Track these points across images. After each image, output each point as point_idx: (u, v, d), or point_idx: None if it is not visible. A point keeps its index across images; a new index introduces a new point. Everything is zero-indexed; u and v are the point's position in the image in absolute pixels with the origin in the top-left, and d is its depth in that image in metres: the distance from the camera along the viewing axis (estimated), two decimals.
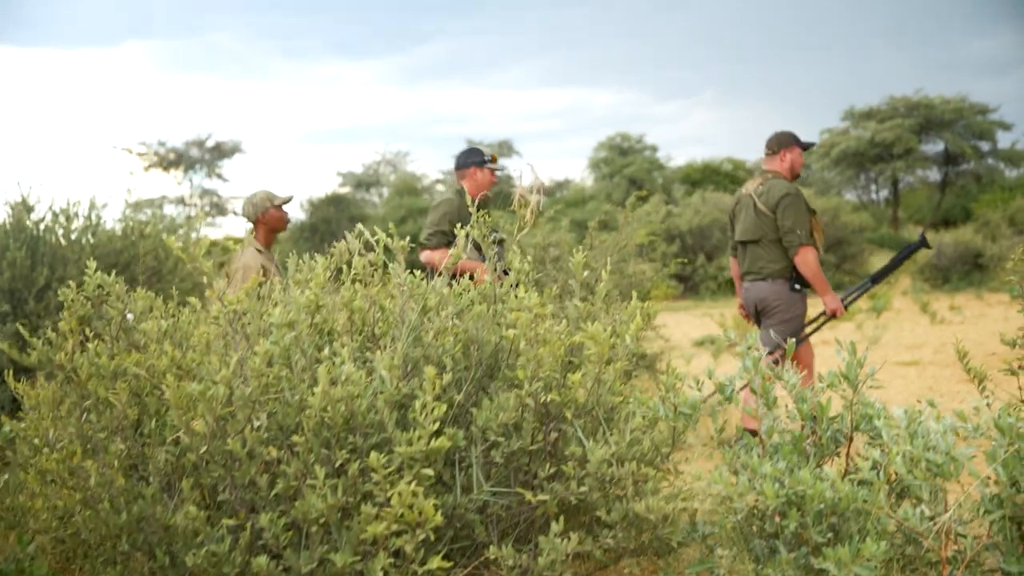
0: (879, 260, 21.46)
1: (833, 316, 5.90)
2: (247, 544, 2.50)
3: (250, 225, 5.54)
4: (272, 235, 5.52)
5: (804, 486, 2.42)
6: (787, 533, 2.49)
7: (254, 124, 74.90)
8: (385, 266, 3.00)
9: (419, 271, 3.17)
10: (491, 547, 2.51)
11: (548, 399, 2.67)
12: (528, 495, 2.61)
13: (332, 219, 25.25)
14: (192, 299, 3.21)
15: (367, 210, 32.50)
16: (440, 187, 39.72)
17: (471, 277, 5.28)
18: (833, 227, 19.77)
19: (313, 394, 2.42)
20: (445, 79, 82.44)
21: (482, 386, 2.91)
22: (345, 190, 39.11)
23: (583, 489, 2.62)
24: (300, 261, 3.20)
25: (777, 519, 2.52)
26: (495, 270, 5.09)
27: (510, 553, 2.52)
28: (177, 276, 6.92)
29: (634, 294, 3.00)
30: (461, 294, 3.02)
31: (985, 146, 33.48)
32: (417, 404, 2.43)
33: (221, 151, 33.86)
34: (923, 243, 6.14)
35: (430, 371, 2.42)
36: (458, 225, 3.41)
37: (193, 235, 7.81)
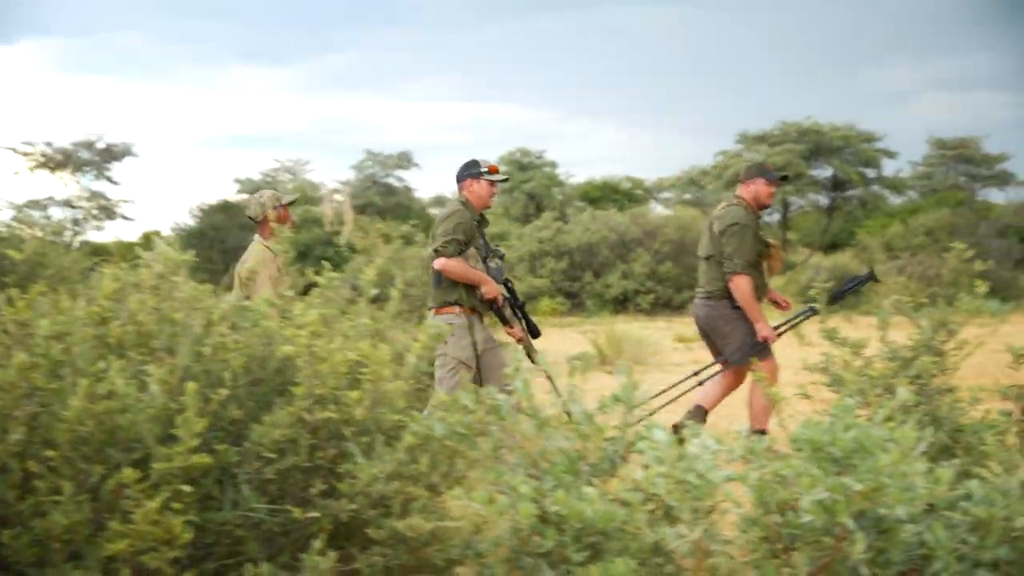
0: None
1: (765, 343, 6.13)
2: None
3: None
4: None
5: (560, 506, 2.47)
6: (548, 551, 2.54)
7: (153, 127, 73.35)
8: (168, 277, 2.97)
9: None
10: (247, 565, 2.51)
11: (325, 416, 2.68)
12: (297, 512, 2.61)
13: (222, 226, 24.86)
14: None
15: None
16: (337, 196, 39.47)
17: (476, 289, 5.55)
18: None
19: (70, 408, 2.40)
20: (353, 89, 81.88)
21: (268, 402, 2.90)
22: (242, 197, 38.56)
23: (353, 506, 2.63)
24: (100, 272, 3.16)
25: (537, 538, 2.56)
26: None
27: (271, 570, 2.51)
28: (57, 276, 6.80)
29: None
30: (249, 309, 3.01)
31: (871, 173, 34.50)
32: (179, 419, 2.41)
33: (111, 154, 33.06)
34: (871, 276, 6.47)
35: (190, 387, 2.40)
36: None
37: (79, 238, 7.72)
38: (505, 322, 5.84)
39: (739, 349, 6.18)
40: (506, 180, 6.13)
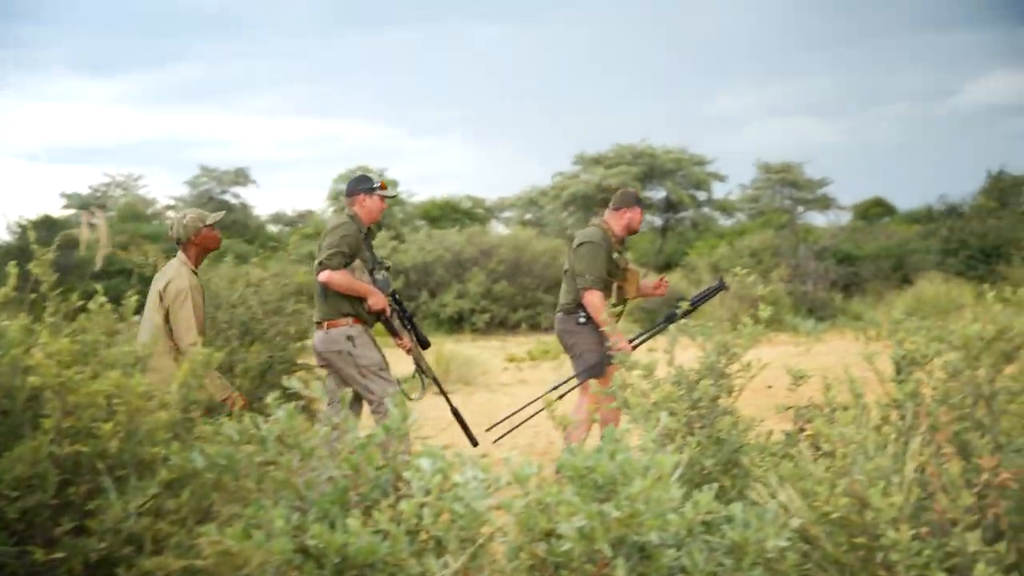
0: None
1: (606, 360, 6.23)
2: None
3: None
4: (204, 255, 5.46)
5: (318, 540, 2.41)
6: None
7: None
8: None
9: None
10: None
11: (76, 450, 2.54)
12: (39, 553, 2.46)
13: (43, 242, 23.68)
14: None
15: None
16: (171, 213, 38.35)
17: (363, 301, 5.64)
18: (555, 267, 20.43)
19: None
20: (193, 102, 79.59)
21: (19, 435, 2.74)
22: (70, 212, 37.02)
23: (103, 545, 2.51)
24: None
25: (295, 574, 2.49)
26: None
27: None
28: None
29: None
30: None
31: (702, 195, 35.66)
32: None
33: None
34: (721, 286, 6.71)
35: None
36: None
37: None
38: (394, 333, 5.90)
39: (582, 361, 6.45)
40: (395, 196, 6.28)
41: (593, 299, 6.29)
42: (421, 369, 6.09)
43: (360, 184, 5.95)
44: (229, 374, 6.19)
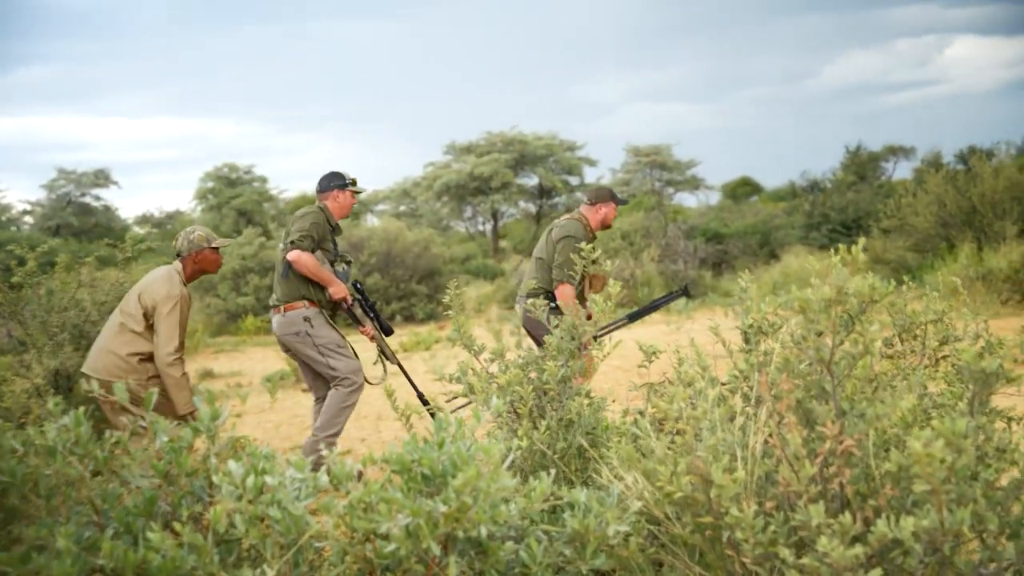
0: (475, 289, 22.18)
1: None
2: None
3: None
4: (199, 275, 5.42)
5: (108, 559, 2.15)
6: None
7: None
8: None
9: None
10: None
11: None
12: None
13: None
14: None
15: None
16: (27, 219, 36.87)
17: (323, 289, 5.81)
18: (425, 258, 20.18)
19: None
20: (48, 104, 76.62)
21: None
22: None
23: None
24: None
25: None
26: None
27: None
28: None
29: None
30: None
31: (574, 181, 35.81)
32: None
33: None
34: (684, 292, 6.98)
35: None
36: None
37: None
38: (357, 321, 6.12)
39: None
40: (364, 191, 6.45)
41: (566, 291, 6.50)
42: (385, 355, 6.23)
43: (333, 180, 6.14)
44: (67, 380, 5.82)
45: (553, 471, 2.41)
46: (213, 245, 5.40)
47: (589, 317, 6.90)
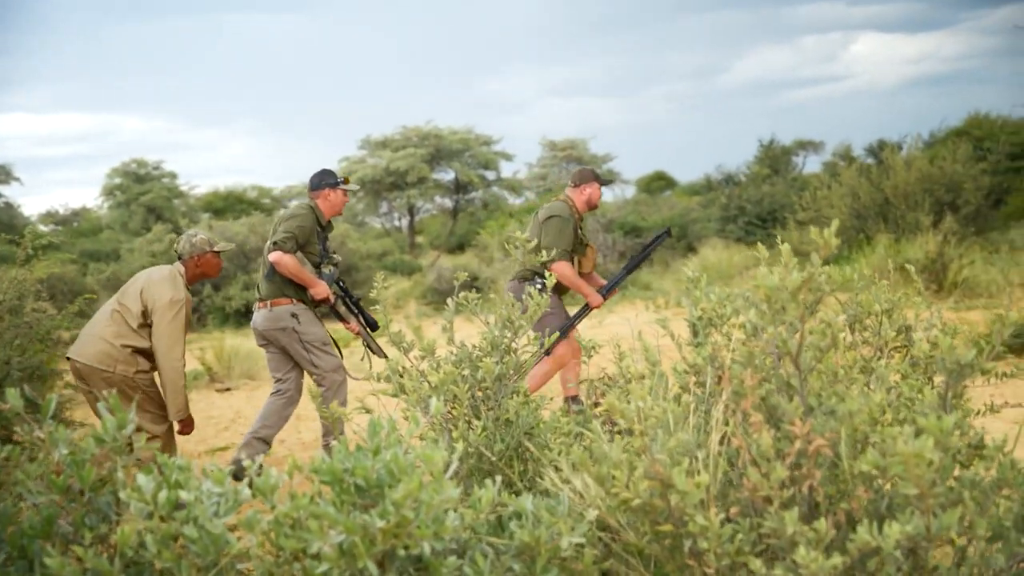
0: (393, 285, 21.85)
1: (592, 308, 6.71)
2: None
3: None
4: (199, 278, 5.43)
5: None
6: None
7: None
8: None
9: None
10: None
11: None
12: None
13: None
14: None
15: None
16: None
17: (305, 290, 5.81)
18: (341, 253, 19.78)
19: None
20: None
21: None
22: None
23: None
24: None
25: None
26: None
27: None
28: None
29: None
30: None
31: (491, 175, 35.63)
32: None
33: None
34: (667, 233, 7.06)
35: None
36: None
37: None
38: (341, 318, 6.14)
39: (539, 326, 6.48)
40: (356, 190, 6.40)
41: (562, 269, 6.53)
42: (372, 350, 6.22)
43: (325, 179, 6.10)
44: None
45: (499, 478, 2.20)
46: (215, 249, 5.46)
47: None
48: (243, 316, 19.31)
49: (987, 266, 13.21)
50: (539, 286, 6.64)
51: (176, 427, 5.29)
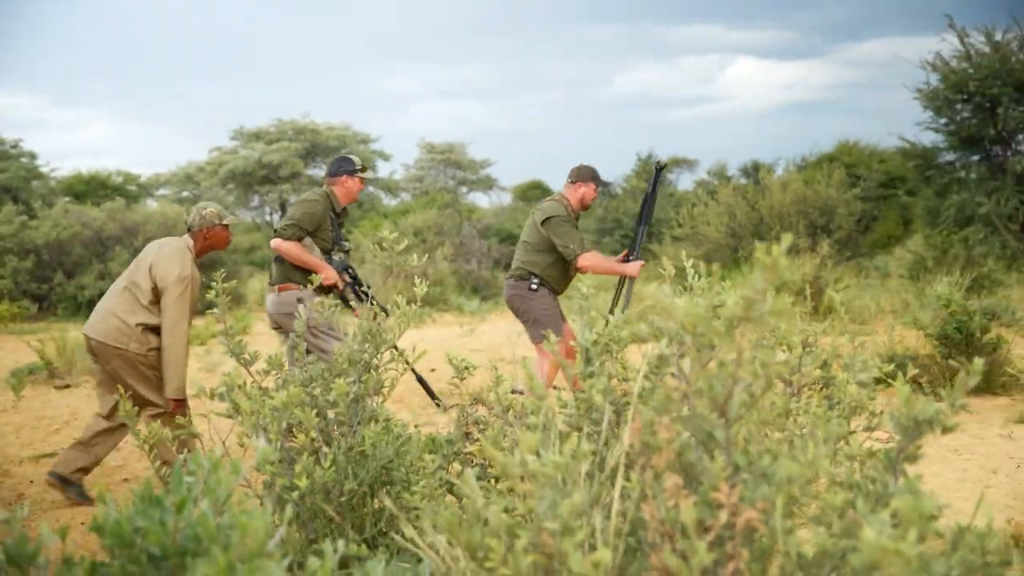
0: (260, 282, 21.02)
1: (635, 278, 6.59)
2: None
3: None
4: (207, 251, 5.42)
5: None
6: None
7: None
8: None
9: None
10: None
11: None
12: None
13: None
14: None
15: None
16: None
17: (308, 275, 5.74)
18: None
19: None
20: None
21: None
22: None
23: None
24: None
25: None
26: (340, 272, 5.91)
27: None
28: None
29: None
30: None
31: (367, 175, 34.91)
32: None
33: None
34: (662, 168, 6.89)
35: None
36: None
37: None
38: (348, 305, 6.05)
39: (536, 324, 6.70)
40: (373, 178, 5.79)
41: (594, 260, 6.63)
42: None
43: (343, 166, 6.16)
44: None
45: (341, 543, 1.71)
46: (225, 222, 5.43)
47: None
48: (91, 307, 18.27)
49: (859, 291, 13.25)
50: (534, 286, 6.73)
51: (170, 406, 5.16)
